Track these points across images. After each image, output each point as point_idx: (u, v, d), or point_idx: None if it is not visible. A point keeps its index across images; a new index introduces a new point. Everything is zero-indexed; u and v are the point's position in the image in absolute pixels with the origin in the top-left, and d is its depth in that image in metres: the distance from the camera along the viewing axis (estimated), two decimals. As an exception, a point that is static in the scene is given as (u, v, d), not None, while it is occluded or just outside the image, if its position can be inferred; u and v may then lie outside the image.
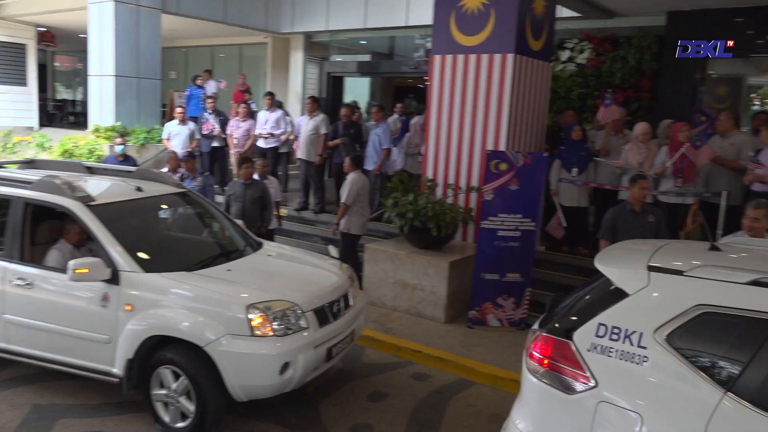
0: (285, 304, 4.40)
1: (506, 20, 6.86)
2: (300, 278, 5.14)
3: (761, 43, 9.28)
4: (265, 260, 5.38)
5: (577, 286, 3.67)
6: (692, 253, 3.25)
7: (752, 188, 6.22)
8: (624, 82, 10.11)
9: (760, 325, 2.60)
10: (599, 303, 3.02)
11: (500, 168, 6.45)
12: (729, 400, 2.55)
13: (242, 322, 4.23)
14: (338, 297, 4.90)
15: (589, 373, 2.87)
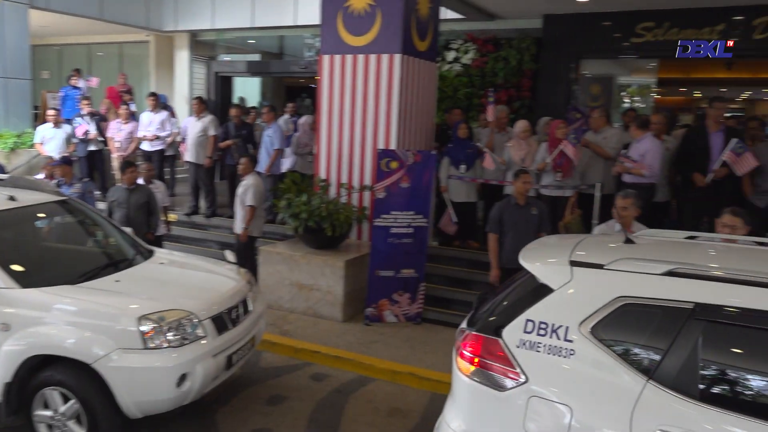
0: (180, 314, 4.24)
1: (392, 21, 6.98)
2: (195, 285, 4.97)
3: (627, 46, 10.06)
4: (157, 269, 5.15)
5: (485, 282, 3.77)
6: (609, 247, 3.33)
7: (622, 179, 6.70)
8: (506, 82, 10.60)
9: (676, 314, 2.70)
10: (526, 299, 3.06)
11: (391, 166, 6.55)
12: (651, 388, 2.64)
13: (134, 334, 4.03)
14: (236, 303, 4.78)
15: (519, 369, 2.90)
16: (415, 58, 7.37)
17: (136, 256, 5.19)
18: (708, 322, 2.64)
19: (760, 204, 6.16)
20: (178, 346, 4.14)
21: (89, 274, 4.65)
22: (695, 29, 9.45)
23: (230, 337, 4.57)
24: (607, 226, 5.09)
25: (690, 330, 2.66)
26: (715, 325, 2.65)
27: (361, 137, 7.37)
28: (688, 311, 2.69)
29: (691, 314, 2.67)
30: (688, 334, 2.66)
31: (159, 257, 5.34)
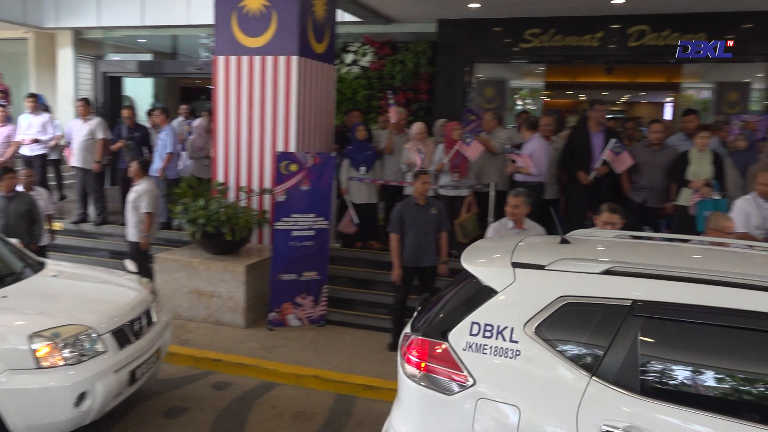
0: (76, 329, 4.01)
1: (288, 23, 6.92)
2: (93, 298, 4.72)
3: (517, 51, 10.53)
4: (50, 282, 4.84)
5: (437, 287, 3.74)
6: (547, 247, 3.40)
7: (514, 178, 7.01)
8: (404, 84, 10.80)
9: (615, 311, 2.76)
10: (470, 302, 3.05)
11: (291, 169, 6.51)
12: (595, 384, 2.69)
13: (24, 353, 3.78)
14: (139, 314, 4.58)
15: (466, 372, 2.89)
16: (312, 60, 7.36)
17: (25, 270, 4.84)
18: (646, 318, 2.72)
19: (637, 199, 6.64)
20: (75, 364, 3.91)
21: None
22: (578, 36, 10.06)
23: (133, 350, 4.38)
24: (500, 223, 5.32)
25: (629, 326, 2.72)
26: (652, 320, 2.73)
27: (260, 140, 7.26)
28: (626, 308, 2.75)
29: (629, 311, 2.74)
30: (627, 331, 2.72)
31: (51, 269, 5.02)
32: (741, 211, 5.34)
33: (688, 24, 9.52)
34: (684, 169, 6.25)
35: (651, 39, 9.78)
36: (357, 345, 6.30)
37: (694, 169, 6.21)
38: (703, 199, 6.02)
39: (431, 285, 6.18)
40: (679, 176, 6.29)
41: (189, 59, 13.81)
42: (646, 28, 9.75)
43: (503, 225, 5.27)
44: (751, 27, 9.40)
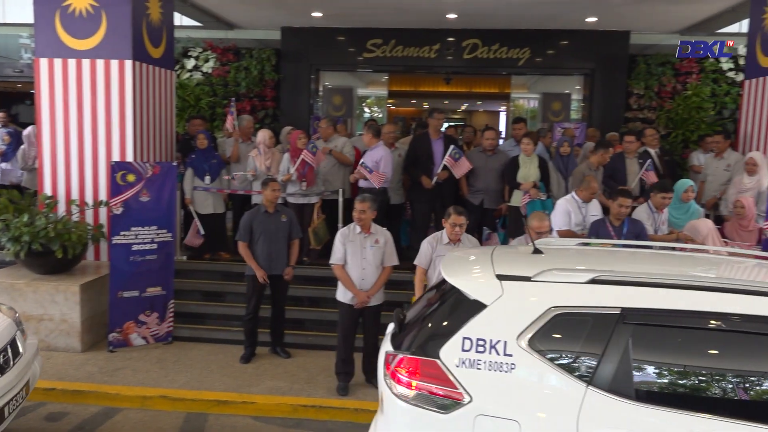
0: None
1: (120, 25, 6.54)
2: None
3: (361, 60, 10.80)
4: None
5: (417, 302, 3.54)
6: (524, 258, 3.39)
7: (358, 185, 7.13)
8: (249, 92, 10.64)
9: (605, 320, 2.77)
10: (458, 317, 2.98)
11: (128, 179, 6.14)
12: (591, 393, 2.68)
13: None
14: (4, 345, 4.05)
15: (462, 389, 2.82)
16: (148, 64, 7.01)
17: None
18: (635, 325, 2.75)
19: (475, 201, 7.08)
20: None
21: None
22: (416, 47, 10.54)
23: (1, 385, 3.87)
24: (348, 229, 5.41)
25: (620, 334, 2.74)
26: (642, 327, 2.76)
27: (93, 149, 6.78)
28: (616, 316, 2.78)
29: (619, 319, 2.77)
30: (618, 339, 2.74)
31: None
32: (563, 210, 5.89)
33: (514, 39, 10.36)
34: (515, 172, 6.77)
35: (483, 52, 10.50)
36: (208, 360, 6.08)
37: (523, 172, 6.75)
38: (532, 200, 6.56)
39: (284, 293, 6.14)
40: (511, 179, 6.80)
41: (7, 61, 12.53)
42: (477, 41, 10.46)
43: (351, 230, 5.37)
44: (567, 43, 10.44)
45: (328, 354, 6.06)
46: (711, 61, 10.06)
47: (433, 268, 5.20)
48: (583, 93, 11.23)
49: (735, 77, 9.95)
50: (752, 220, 5.95)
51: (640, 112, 10.32)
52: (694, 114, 9.86)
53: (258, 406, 5.22)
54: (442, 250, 5.19)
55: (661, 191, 5.78)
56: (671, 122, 10.03)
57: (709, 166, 7.35)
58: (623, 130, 9.57)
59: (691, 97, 9.89)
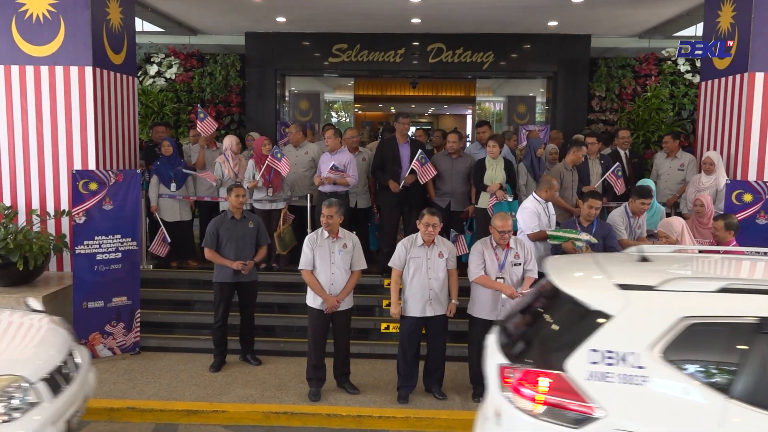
0: (7, 380, 3.40)
1: (79, 30, 6.43)
2: (12, 342, 4.07)
3: (327, 65, 10.79)
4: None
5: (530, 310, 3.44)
6: (636, 266, 3.33)
7: (321, 189, 7.07)
8: (214, 97, 10.54)
9: (742, 329, 2.73)
10: (581, 328, 2.92)
11: (90, 188, 6.04)
12: (732, 406, 2.63)
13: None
14: (65, 356, 3.96)
15: (594, 403, 2.75)
16: (109, 71, 6.90)
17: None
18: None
19: (442, 204, 7.12)
20: (8, 421, 3.31)
21: None
22: (382, 52, 10.58)
23: (66, 398, 3.76)
24: (316, 234, 5.39)
25: (759, 343, 2.69)
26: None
27: (53, 157, 6.64)
28: (754, 326, 2.73)
29: (758, 328, 2.72)
30: (758, 348, 2.69)
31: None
32: (532, 212, 5.94)
33: (478, 43, 10.48)
34: (482, 175, 6.83)
35: (448, 56, 10.60)
36: (177, 370, 6.00)
37: (489, 175, 6.82)
38: (499, 202, 6.63)
39: (252, 299, 6.09)
40: (478, 181, 6.87)
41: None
42: (442, 46, 10.55)
43: (320, 235, 5.36)
44: (530, 47, 10.60)
45: (299, 360, 6.03)
46: (669, 63, 10.33)
47: (407, 269, 5.23)
48: (546, 96, 11.41)
49: (692, 79, 10.24)
50: (711, 217, 6.12)
51: (602, 114, 10.53)
52: (654, 115, 10.10)
53: (229, 415, 5.16)
54: (416, 252, 5.23)
55: (641, 197, 5.86)
56: (632, 123, 10.26)
57: (661, 166, 7.53)
58: (586, 131, 9.75)
59: (650, 98, 10.13)
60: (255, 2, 8.38)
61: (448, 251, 5.32)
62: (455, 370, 5.90)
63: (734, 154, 6.80)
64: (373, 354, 6.38)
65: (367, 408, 5.25)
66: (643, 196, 5.88)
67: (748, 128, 6.56)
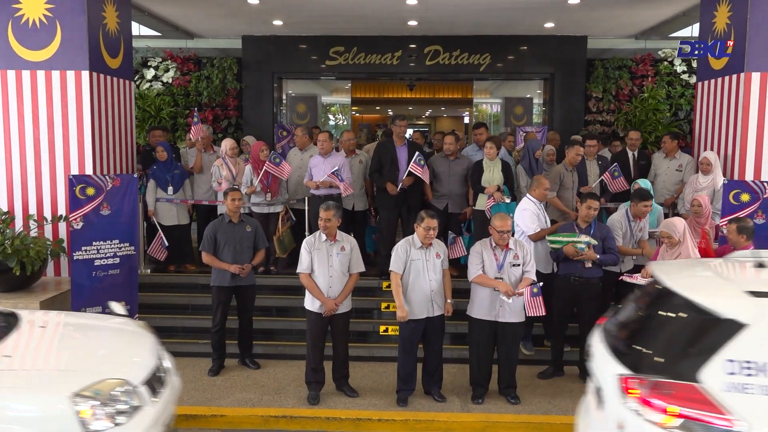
0: (114, 383, 3.45)
1: (75, 35, 6.42)
2: (110, 348, 4.12)
3: (324, 68, 10.79)
4: (44, 334, 4.07)
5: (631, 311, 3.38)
6: (757, 272, 3.29)
7: (316, 193, 7.04)
8: (212, 101, 10.53)
9: None
10: (712, 337, 2.85)
11: (87, 193, 6.03)
12: None
13: (68, 418, 3.22)
14: (157, 360, 4.03)
15: (734, 415, 2.67)
16: (106, 75, 6.89)
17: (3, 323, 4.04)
18: None
19: (439, 206, 7.12)
20: (117, 425, 3.35)
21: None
22: (379, 54, 10.58)
23: (164, 399, 3.83)
24: (314, 237, 5.39)
25: None
26: None
27: (50, 162, 6.63)
28: None
29: None
30: None
31: (31, 319, 4.21)
32: (531, 213, 5.95)
33: (475, 45, 10.48)
34: (480, 176, 6.83)
35: (444, 58, 10.60)
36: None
37: (487, 176, 6.81)
38: (497, 203, 6.63)
39: (251, 303, 6.08)
40: (475, 183, 6.87)
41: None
42: (439, 48, 10.55)
43: (317, 238, 5.35)
44: (527, 49, 10.61)
45: (297, 363, 6.02)
46: (665, 64, 10.35)
47: (407, 272, 5.22)
48: (543, 97, 11.42)
49: (689, 79, 10.25)
50: (709, 218, 6.12)
51: (599, 115, 10.54)
52: (651, 116, 10.11)
53: (228, 419, 5.15)
54: (415, 255, 5.22)
55: (642, 200, 5.87)
56: (629, 124, 10.27)
57: (660, 167, 7.54)
58: (583, 132, 9.75)
59: (647, 99, 10.14)
60: (252, 6, 8.38)
61: (443, 251, 5.34)
62: (454, 372, 5.89)
63: (731, 154, 6.80)
64: (372, 357, 6.37)
65: (366, 411, 5.24)
66: (643, 198, 5.88)
67: (745, 128, 6.56)
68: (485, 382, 5.44)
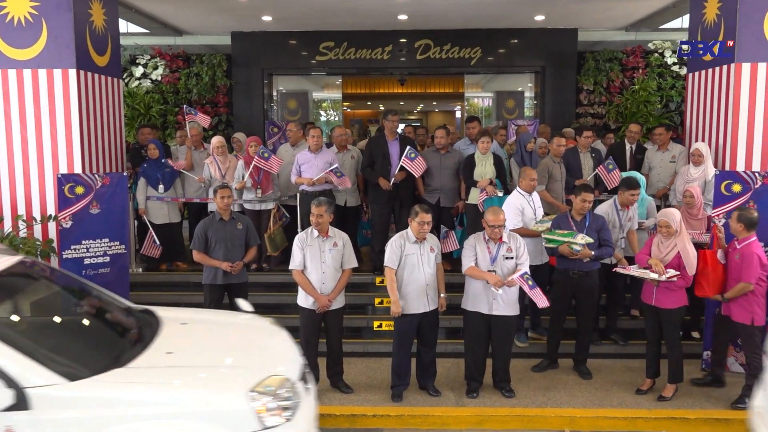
0: (280, 380, 3.48)
1: (62, 32, 6.35)
2: (260, 344, 4.13)
3: (314, 63, 10.74)
4: (190, 331, 4.11)
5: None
6: None
7: (308, 189, 7.00)
8: (201, 98, 10.46)
9: None
10: None
11: (76, 192, 5.98)
12: None
13: (247, 414, 3.22)
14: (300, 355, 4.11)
15: None
16: (93, 73, 6.83)
17: (144, 320, 4.05)
18: None
19: (432, 201, 7.09)
20: (291, 419, 3.39)
21: (127, 350, 3.56)
22: (369, 49, 10.54)
23: (312, 394, 3.89)
24: (306, 233, 5.36)
25: None
26: None
27: (38, 162, 6.56)
28: None
29: None
30: None
31: (169, 316, 4.21)
32: (514, 207, 5.95)
33: (466, 39, 10.46)
34: (472, 170, 6.81)
35: (435, 52, 10.57)
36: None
37: (479, 170, 6.79)
38: (489, 197, 6.61)
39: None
40: (468, 177, 6.85)
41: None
42: (429, 42, 10.52)
43: (309, 235, 5.32)
44: (518, 42, 10.60)
45: (291, 361, 5.99)
46: (656, 56, 10.35)
47: (402, 267, 5.20)
48: (534, 90, 11.41)
49: (679, 71, 10.26)
50: (701, 208, 6.12)
51: (590, 108, 10.54)
52: (642, 108, 10.12)
53: (221, 418, 5.11)
54: (410, 249, 5.20)
55: (629, 188, 5.89)
56: (620, 116, 10.28)
57: (653, 159, 7.54)
58: (575, 125, 9.75)
59: (638, 91, 10.15)
60: (240, 2, 8.32)
61: (437, 246, 5.33)
62: (448, 366, 5.89)
63: (722, 144, 6.81)
64: (366, 352, 6.36)
65: (360, 407, 5.23)
66: (630, 187, 5.90)
67: (736, 119, 6.57)
68: (480, 376, 5.44)
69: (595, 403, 5.25)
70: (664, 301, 5.18)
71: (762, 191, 5.71)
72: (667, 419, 5.01)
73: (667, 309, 5.19)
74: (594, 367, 5.83)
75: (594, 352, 6.04)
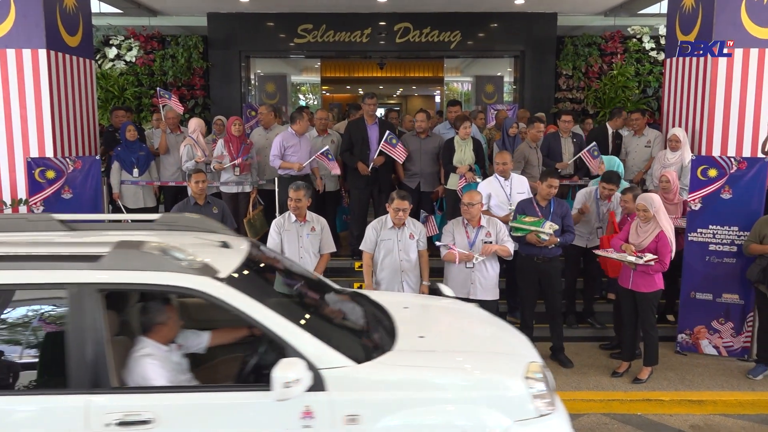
0: (538, 366, 3.32)
1: (31, 11, 6.16)
2: (490, 330, 4.02)
3: (293, 46, 10.60)
4: (420, 315, 4.10)
5: None
6: None
7: (280, 172, 6.94)
8: (177, 81, 10.27)
9: None
10: None
11: (48, 176, 5.85)
12: None
13: (525, 400, 3.11)
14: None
15: None
16: (65, 53, 6.65)
17: (368, 303, 4.01)
18: None
19: (412, 185, 7.07)
20: (556, 407, 3.25)
21: (383, 334, 3.52)
22: (348, 32, 10.42)
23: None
24: (283, 218, 5.30)
25: None
26: None
27: (7, 145, 6.39)
28: None
29: None
30: None
31: (387, 300, 4.12)
32: (482, 191, 5.94)
33: (445, 22, 10.39)
34: (451, 155, 6.79)
35: (415, 36, 10.49)
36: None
37: (458, 156, 6.77)
38: (468, 183, 6.60)
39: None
40: (447, 163, 6.82)
41: None
42: (409, 25, 10.43)
43: (287, 220, 5.27)
44: (497, 26, 10.55)
45: (269, 346, 5.95)
46: (634, 41, 10.38)
47: (378, 252, 5.18)
48: (514, 75, 11.40)
49: (657, 56, 10.31)
50: (677, 193, 6.18)
51: (569, 93, 10.56)
52: (620, 93, 10.17)
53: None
54: (386, 234, 5.18)
55: (607, 182, 5.98)
56: (599, 101, 10.32)
57: (629, 144, 7.58)
58: (554, 110, 9.77)
59: (616, 76, 10.19)
60: (216, -19, 8.16)
61: (419, 232, 5.29)
62: (427, 351, 5.88)
63: (698, 130, 6.86)
64: (345, 338, 6.33)
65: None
66: (607, 181, 5.96)
67: (712, 104, 6.61)
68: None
69: (572, 385, 5.29)
70: (641, 285, 5.23)
71: (737, 176, 5.78)
72: (642, 401, 5.07)
73: (643, 293, 5.24)
74: (571, 351, 5.87)
75: (570, 336, 6.08)
